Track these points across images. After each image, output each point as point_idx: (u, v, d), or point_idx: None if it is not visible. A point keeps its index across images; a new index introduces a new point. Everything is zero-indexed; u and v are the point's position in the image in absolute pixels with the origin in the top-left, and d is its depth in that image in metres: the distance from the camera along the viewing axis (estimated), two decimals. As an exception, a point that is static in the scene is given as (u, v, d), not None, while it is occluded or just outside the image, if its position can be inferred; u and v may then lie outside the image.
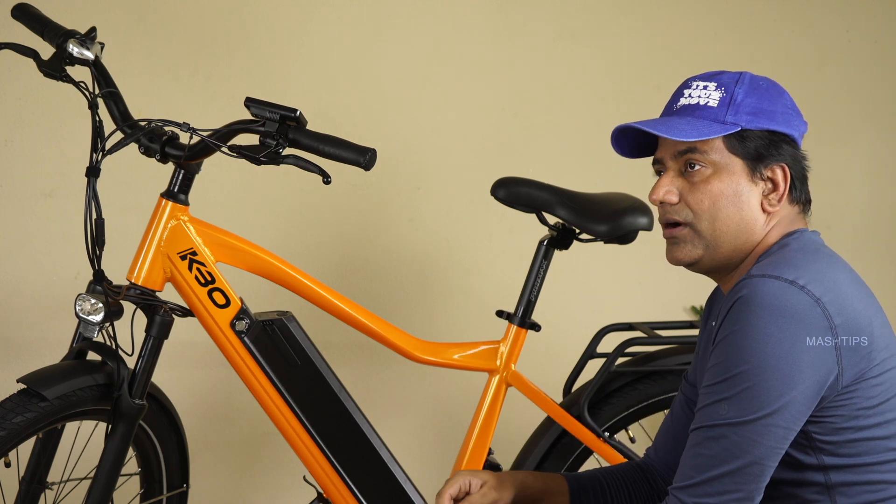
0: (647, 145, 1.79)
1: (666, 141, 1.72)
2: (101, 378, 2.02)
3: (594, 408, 2.43)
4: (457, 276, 3.11)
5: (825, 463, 1.61)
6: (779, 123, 1.69)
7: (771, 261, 1.62)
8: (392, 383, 3.06)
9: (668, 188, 1.71)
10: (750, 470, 1.57)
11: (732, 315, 1.58)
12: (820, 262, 1.62)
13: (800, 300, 1.55)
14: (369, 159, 1.94)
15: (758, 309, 1.55)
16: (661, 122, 1.70)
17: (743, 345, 1.55)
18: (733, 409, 1.56)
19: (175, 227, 2.10)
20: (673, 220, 1.71)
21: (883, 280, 3.55)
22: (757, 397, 1.55)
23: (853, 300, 1.60)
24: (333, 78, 2.96)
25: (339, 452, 2.23)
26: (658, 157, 1.75)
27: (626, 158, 1.82)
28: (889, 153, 3.58)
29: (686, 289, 3.21)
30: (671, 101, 1.75)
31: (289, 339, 2.19)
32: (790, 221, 1.71)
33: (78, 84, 2.06)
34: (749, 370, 1.55)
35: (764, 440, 1.56)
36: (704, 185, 1.68)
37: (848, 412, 1.59)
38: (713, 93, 1.70)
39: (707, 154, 1.68)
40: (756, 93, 1.69)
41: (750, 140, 1.67)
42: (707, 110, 1.69)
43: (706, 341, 1.81)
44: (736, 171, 1.68)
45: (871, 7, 3.52)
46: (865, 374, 1.59)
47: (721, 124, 1.67)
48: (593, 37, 3.23)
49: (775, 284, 1.56)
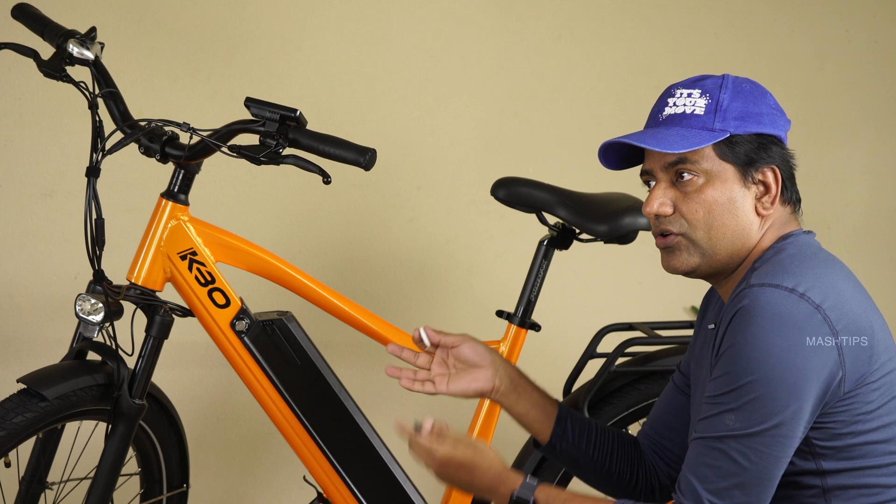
0: (634, 156, 1.77)
1: (654, 152, 1.71)
2: (101, 378, 2.02)
3: (594, 408, 2.42)
4: (457, 276, 3.11)
5: (823, 468, 1.61)
6: (766, 125, 1.68)
7: (769, 268, 1.61)
8: (392, 383, 3.06)
9: (661, 200, 1.69)
10: (757, 479, 1.57)
11: (735, 325, 1.58)
12: (818, 266, 1.62)
13: (800, 308, 1.55)
14: (369, 159, 1.94)
15: (759, 319, 1.55)
16: (649, 135, 1.68)
17: (746, 356, 1.55)
18: (739, 421, 1.56)
19: (175, 227, 2.10)
20: (668, 231, 1.70)
21: (883, 280, 3.55)
22: (763, 408, 1.55)
23: (853, 304, 1.59)
24: (333, 78, 2.96)
25: (339, 452, 2.23)
26: (647, 169, 1.73)
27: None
28: (889, 153, 3.58)
29: (686, 289, 3.21)
30: (655, 110, 1.73)
31: (289, 339, 2.19)
32: (784, 223, 1.71)
33: (78, 84, 2.06)
34: (754, 381, 1.55)
35: (771, 450, 1.56)
36: (698, 194, 1.67)
37: (848, 417, 1.59)
38: (698, 100, 1.68)
39: (698, 163, 1.66)
40: (741, 96, 1.68)
41: (739, 145, 1.66)
42: (694, 119, 1.67)
43: (702, 341, 1.81)
44: (728, 178, 1.67)
45: (871, 7, 3.52)
46: (866, 379, 1.59)
47: (710, 132, 1.65)
48: (593, 37, 3.23)
49: (775, 293, 1.55)
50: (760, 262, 1.66)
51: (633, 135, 1.69)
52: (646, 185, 1.75)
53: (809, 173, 3.53)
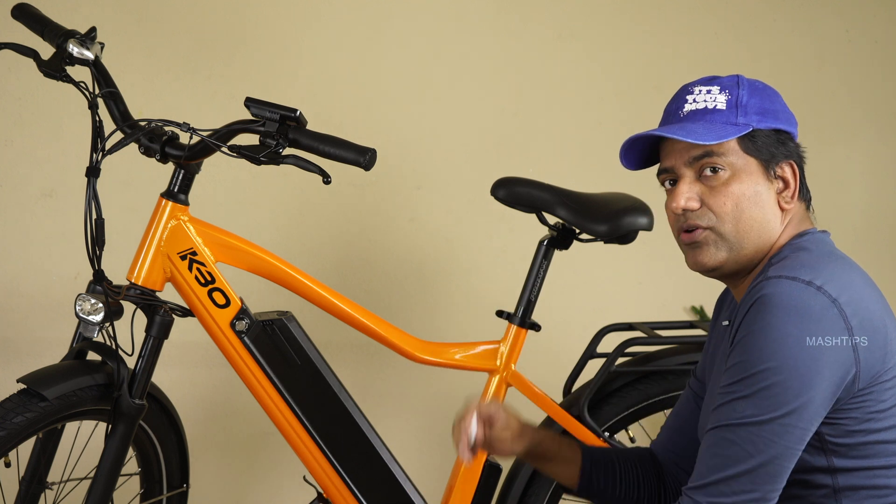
0: (650, 156, 1.78)
1: (676, 148, 1.70)
2: (101, 378, 2.02)
3: (594, 408, 2.43)
4: (457, 275, 3.11)
5: (835, 465, 1.61)
6: (782, 122, 1.70)
7: (787, 262, 1.62)
8: (392, 383, 3.06)
9: (688, 195, 1.69)
10: (766, 470, 1.57)
11: (751, 315, 1.58)
12: (834, 263, 1.63)
13: (817, 301, 1.55)
14: (369, 159, 1.94)
15: (776, 309, 1.55)
16: (677, 128, 1.69)
17: (761, 345, 1.55)
18: (751, 408, 1.56)
19: (175, 227, 2.10)
20: (695, 226, 1.69)
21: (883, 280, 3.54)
22: (775, 396, 1.55)
23: (868, 302, 1.60)
24: (333, 78, 2.96)
25: (339, 452, 2.23)
26: (667, 167, 1.73)
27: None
28: (889, 153, 3.58)
29: (686, 289, 3.21)
30: (674, 107, 1.74)
31: (289, 339, 2.19)
32: (800, 220, 1.73)
33: (78, 84, 2.06)
34: (767, 370, 1.55)
35: (781, 440, 1.56)
36: (725, 187, 1.67)
37: (861, 415, 1.59)
38: (718, 96, 1.70)
39: (724, 156, 1.67)
40: (757, 93, 1.70)
41: (760, 140, 1.68)
42: (717, 113, 1.69)
43: (717, 339, 1.82)
44: (753, 172, 1.68)
45: (871, 7, 3.52)
46: (880, 377, 1.59)
47: (734, 126, 1.67)
48: (593, 37, 3.23)
49: (793, 285, 1.56)
50: (777, 258, 1.67)
51: (662, 128, 1.70)
52: (663, 186, 1.75)
53: (809, 173, 3.52)
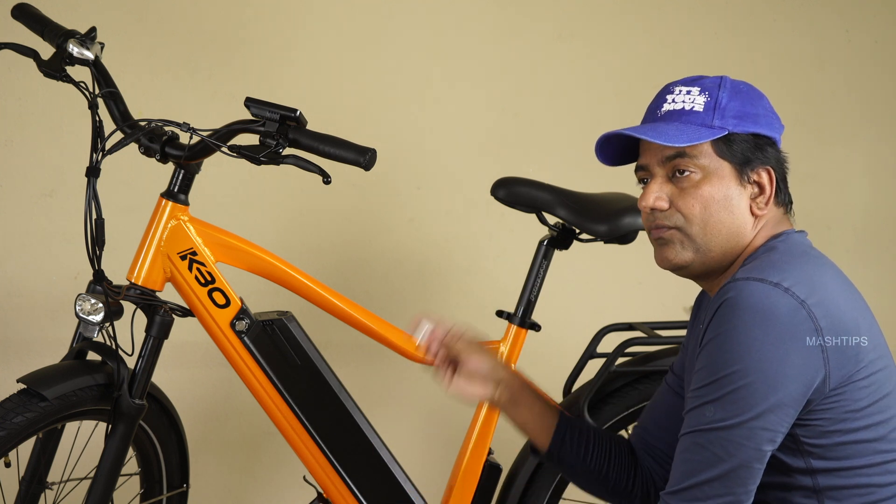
0: (630, 152, 1.78)
1: (652, 146, 1.71)
2: (101, 378, 2.02)
3: (594, 408, 2.42)
4: (457, 275, 3.11)
5: (813, 466, 1.61)
6: (762, 126, 1.69)
7: (757, 264, 1.61)
8: (392, 383, 3.06)
9: (657, 194, 1.70)
10: (737, 473, 1.57)
11: (717, 318, 1.58)
12: (806, 264, 1.62)
13: (784, 302, 1.54)
14: (369, 159, 1.94)
15: (742, 312, 1.54)
16: (649, 128, 1.69)
17: (727, 348, 1.55)
18: (719, 412, 1.56)
19: (175, 227, 2.10)
20: (663, 225, 1.70)
21: (883, 280, 3.55)
22: (742, 400, 1.54)
23: (839, 302, 1.59)
24: (333, 78, 2.96)
25: (339, 452, 2.23)
26: (643, 164, 1.73)
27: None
28: (889, 153, 3.58)
29: (686, 289, 3.19)
30: (653, 106, 1.74)
31: (289, 339, 2.19)
32: (776, 223, 1.71)
33: (78, 84, 2.06)
34: (734, 373, 1.55)
35: (750, 443, 1.55)
36: (695, 189, 1.67)
37: (835, 415, 1.58)
38: (697, 97, 1.69)
39: (696, 159, 1.67)
40: (739, 97, 1.69)
41: (736, 144, 1.67)
42: (693, 115, 1.68)
43: (694, 341, 1.82)
44: (725, 175, 1.68)
45: (871, 7, 3.52)
46: (853, 377, 1.58)
47: (709, 128, 1.66)
48: (593, 37, 3.23)
49: (760, 287, 1.55)
50: (750, 259, 1.66)
51: (634, 128, 1.70)
52: (640, 183, 1.76)
53: (809, 173, 3.54)
